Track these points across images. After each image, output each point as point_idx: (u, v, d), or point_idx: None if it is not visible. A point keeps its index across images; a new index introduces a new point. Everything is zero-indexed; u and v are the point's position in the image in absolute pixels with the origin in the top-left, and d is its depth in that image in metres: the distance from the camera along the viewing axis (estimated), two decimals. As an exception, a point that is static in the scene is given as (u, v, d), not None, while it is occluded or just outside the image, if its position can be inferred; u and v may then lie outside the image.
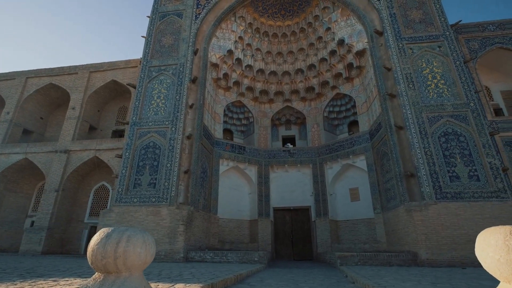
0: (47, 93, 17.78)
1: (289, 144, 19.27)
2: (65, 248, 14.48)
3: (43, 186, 16.50)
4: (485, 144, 10.75)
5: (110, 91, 17.67)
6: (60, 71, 17.37)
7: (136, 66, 16.64)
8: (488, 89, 15.15)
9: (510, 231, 1.65)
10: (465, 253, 9.40)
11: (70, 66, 17.35)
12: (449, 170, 10.59)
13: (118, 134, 17.84)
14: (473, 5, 51.47)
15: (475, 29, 14.49)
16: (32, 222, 15.31)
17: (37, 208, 15.95)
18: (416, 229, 9.95)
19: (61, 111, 18.88)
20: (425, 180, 10.52)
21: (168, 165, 12.14)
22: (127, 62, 16.89)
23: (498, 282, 5.35)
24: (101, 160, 15.00)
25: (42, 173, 15.86)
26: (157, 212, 11.39)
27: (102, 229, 2.56)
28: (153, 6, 16.08)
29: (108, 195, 15.47)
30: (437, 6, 13.56)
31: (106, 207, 15.20)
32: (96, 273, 2.49)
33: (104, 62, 17.15)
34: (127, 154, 12.58)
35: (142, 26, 70.29)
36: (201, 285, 4.27)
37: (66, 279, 5.19)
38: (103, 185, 15.75)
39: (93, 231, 14.94)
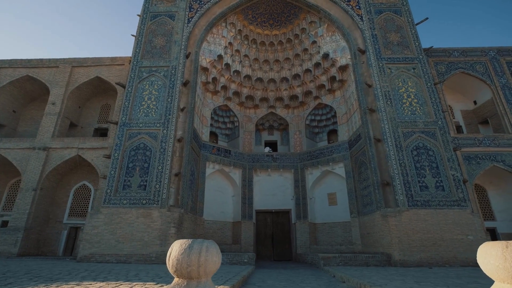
0: (22, 86, 16.77)
1: (268, 148, 20.05)
2: (41, 250, 13.88)
3: (16, 184, 15.64)
4: (450, 158, 12.25)
5: (93, 88, 17.13)
6: (39, 63, 16.49)
7: (123, 64, 16.34)
8: (451, 108, 17.02)
9: (506, 245, 2.38)
10: (431, 255, 10.72)
11: (50, 59, 16.52)
12: (419, 180, 11.92)
13: (100, 132, 17.34)
14: (442, 31, 56.14)
15: (443, 54, 16.24)
16: (4, 222, 14.45)
17: (9, 207, 15.06)
18: (390, 233, 11.11)
19: (35, 104, 17.91)
20: (399, 188, 11.75)
21: (160, 167, 12.25)
22: (113, 59, 16.51)
23: (467, 281, 6.43)
24: (83, 159, 14.59)
25: (15, 170, 15.03)
26: (148, 214, 11.48)
27: (181, 241, 2.99)
28: (144, 5, 15.94)
29: (90, 195, 15.06)
30: (413, 31, 15.03)
31: (88, 207, 14.79)
32: (177, 278, 2.92)
33: (88, 58, 16.60)
34: (116, 154, 12.47)
35: (126, 23, 67.42)
36: (227, 286, 4.76)
37: (87, 283, 5.37)
38: (84, 184, 15.27)
39: (72, 232, 14.47)
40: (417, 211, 11.36)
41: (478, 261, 2.50)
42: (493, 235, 13.99)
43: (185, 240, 2.99)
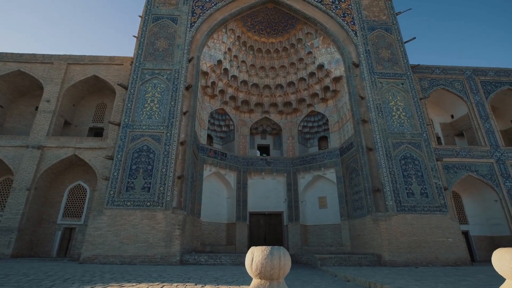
0: (12, 80, 16.13)
1: (258, 152, 20.65)
2: (34, 251, 13.52)
3: (5, 183, 15.05)
4: (433, 168, 13.51)
5: (89, 86, 16.81)
6: (32, 58, 15.94)
7: (122, 64, 16.24)
8: (431, 120, 18.52)
9: (518, 251, 3.15)
10: (417, 255, 11.84)
11: (44, 55, 16.04)
12: (407, 187, 13.05)
13: (95, 131, 17.05)
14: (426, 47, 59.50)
15: (426, 70, 17.69)
16: (-9, 222, 13.89)
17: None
18: (381, 236, 12.11)
19: (24, 100, 17.26)
20: (389, 195, 12.81)
21: (164, 170, 12.46)
22: (111, 58, 16.34)
23: (457, 279, 7.39)
24: (79, 159, 14.39)
25: (4, 168, 14.51)
26: (152, 216, 11.67)
27: (261, 248, 3.51)
28: (146, 7, 15.95)
29: (85, 195, 14.83)
30: (401, 49, 16.26)
31: (83, 208, 14.58)
32: (259, 279, 3.44)
33: (84, 55, 16.29)
34: (119, 156, 12.51)
35: (117, 22, 65.03)
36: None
37: (129, 285, 5.68)
38: (79, 184, 15.00)
39: (67, 232, 14.20)
40: (404, 216, 12.46)
41: (493, 263, 3.23)
42: (466, 238, 15.52)
43: (263, 247, 3.51)
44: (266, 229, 17.72)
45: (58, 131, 15.33)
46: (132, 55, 16.56)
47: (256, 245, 17.37)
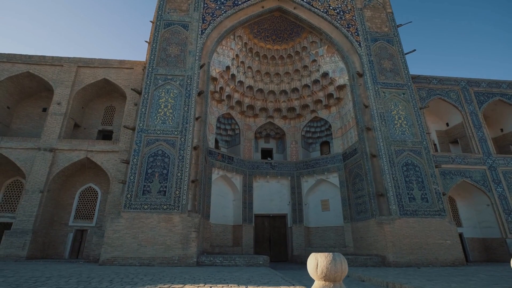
0: (20, 82, 16.10)
1: (261, 154, 21.19)
2: (46, 253, 13.63)
3: (14, 184, 15.07)
4: (432, 174, 14.38)
5: (98, 89, 16.95)
6: (41, 60, 15.95)
7: (132, 68, 16.48)
8: (428, 128, 19.52)
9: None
10: (418, 256, 12.65)
11: (53, 57, 16.08)
12: (408, 192, 13.87)
13: (103, 134, 17.21)
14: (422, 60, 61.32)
15: (424, 80, 18.66)
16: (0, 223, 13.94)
17: (7, 208, 14.49)
18: (385, 238, 12.86)
19: (31, 101, 17.22)
20: (393, 199, 13.58)
21: (179, 174, 12.84)
22: (121, 62, 16.55)
23: (464, 279, 8.14)
24: (90, 161, 14.58)
25: (13, 169, 14.57)
26: (169, 219, 12.04)
27: (323, 254, 4.06)
28: (158, 12, 16.22)
29: (97, 198, 15.01)
30: (403, 60, 17.12)
31: (94, 210, 14.76)
32: (323, 281, 3.99)
33: (94, 59, 16.44)
34: (135, 160, 12.81)
35: (130, 26, 64.29)
36: (303, 286, 5.85)
37: (178, 286, 6.12)
38: (90, 187, 15.17)
39: (78, 234, 14.38)
40: (407, 219, 13.26)
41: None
42: (460, 239, 16.49)
43: (325, 254, 4.05)
44: (271, 231, 18.28)
45: (68, 134, 15.45)
46: (141, 59, 16.87)
47: (261, 246, 17.95)
